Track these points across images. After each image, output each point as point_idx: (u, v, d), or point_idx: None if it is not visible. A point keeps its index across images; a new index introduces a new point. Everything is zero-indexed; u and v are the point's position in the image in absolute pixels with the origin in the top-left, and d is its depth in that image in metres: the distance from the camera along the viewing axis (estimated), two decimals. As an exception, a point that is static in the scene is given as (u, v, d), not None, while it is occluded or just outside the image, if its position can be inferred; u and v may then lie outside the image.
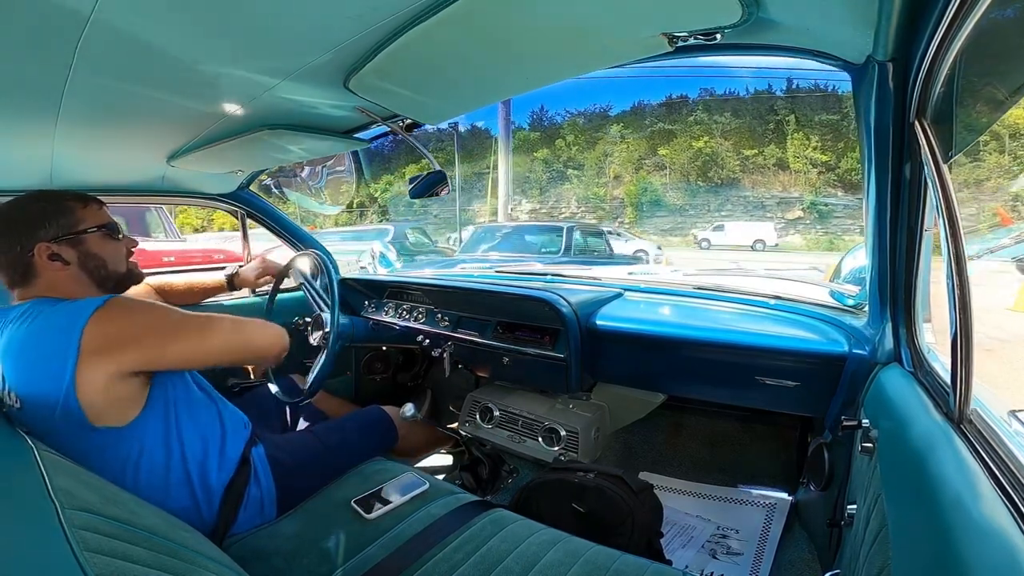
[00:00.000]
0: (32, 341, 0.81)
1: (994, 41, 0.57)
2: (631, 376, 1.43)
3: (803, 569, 1.22)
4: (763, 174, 18.70)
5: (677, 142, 20.02)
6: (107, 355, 0.81)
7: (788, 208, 17.80)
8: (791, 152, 18.09)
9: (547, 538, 0.93)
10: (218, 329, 0.96)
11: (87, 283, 0.95)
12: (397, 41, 0.67)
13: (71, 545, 0.47)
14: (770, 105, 18.87)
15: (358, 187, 15.95)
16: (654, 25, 0.65)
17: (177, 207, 14.30)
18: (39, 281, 0.91)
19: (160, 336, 0.87)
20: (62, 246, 0.92)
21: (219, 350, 0.96)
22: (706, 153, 19.29)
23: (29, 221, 0.91)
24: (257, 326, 1.05)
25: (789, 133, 18.21)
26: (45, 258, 0.90)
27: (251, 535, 0.97)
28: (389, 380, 2.13)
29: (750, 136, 19.00)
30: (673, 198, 20.04)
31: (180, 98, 0.92)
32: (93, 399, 0.81)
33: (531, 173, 22.91)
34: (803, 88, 17.20)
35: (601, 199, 21.24)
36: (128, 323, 0.85)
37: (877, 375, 0.91)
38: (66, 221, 0.93)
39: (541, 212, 22.15)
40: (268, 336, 1.06)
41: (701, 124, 19.77)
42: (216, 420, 1.01)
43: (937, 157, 0.65)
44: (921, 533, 0.51)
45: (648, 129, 20.81)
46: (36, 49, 0.64)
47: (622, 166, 20.99)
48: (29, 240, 0.89)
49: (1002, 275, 2.11)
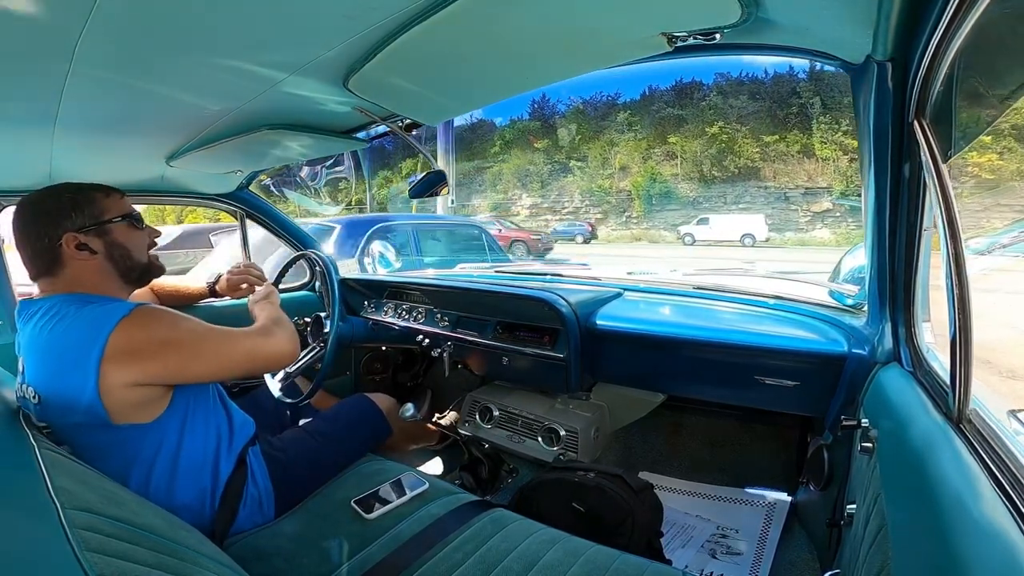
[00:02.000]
0: (58, 344, 0.82)
1: (993, 41, 0.57)
2: (631, 376, 1.43)
3: (803, 569, 1.22)
4: (786, 162, 17.16)
5: (688, 128, 18.54)
6: (130, 364, 0.82)
7: (815, 199, 16.43)
8: (817, 137, 16.47)
9: (547, 537, 0.93)
10: (239, 345, 0.95)
11: (112, 274, 0.95)
12: (397, 41, 0.67)
13: (72, 545, 0.47)
14: (792, 87, 17.35)
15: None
16: (653, 25, 0.65)
17: (185, 208, 14.22)
18: (65, 272, 0.91)
19: (183, 354, 0.87)
20: (89, 236, 0.91)
21: (239, 366, 0.96)
22: (721, 140, 17.74)
23: (56, 211, 0.90)
24: (274, 338, 1.01)
25: (815, 116, 16.60)
26: (73, 248, 0.89)
27: (251, 535, 0.97)
28: (389, 380, 2.13)
29: (770, 121, 17.44)
30: (685, 189, 18.57)
31: (178, 98, 0.91)
32: (116, 403, 0.82)
33: (532, 165, 21.83)
34: (829, 69, 16.53)
35: (606, 191, 20.20)
36: (153, 336, 0.85)
37: (877, 375, 0.91)
38: (92, 211, 0.92)
39: (543, 207, 21.18)
40: (284, 344, 1.03)
41: (715, 109, 18.13)
42: (225, 419, 1.03)
43: (936, 157, 0.65)
44: (921, 533, 0.51)
45: (657, 115, 19.36)
46: (35, 48, 0.64)
47: (629, 156, 19.74)
48: (57, 230, 0.89)
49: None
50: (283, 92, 0.88)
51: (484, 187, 22.68)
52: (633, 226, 19.61)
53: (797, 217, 16.59)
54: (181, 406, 0.93)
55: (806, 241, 15.44)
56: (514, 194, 21.97)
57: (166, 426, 0.90)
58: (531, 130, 22.23)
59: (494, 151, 22.84)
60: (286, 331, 1.05)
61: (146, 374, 0.84)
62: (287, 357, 1.02)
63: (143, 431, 0.88)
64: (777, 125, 17.42)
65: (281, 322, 1.06)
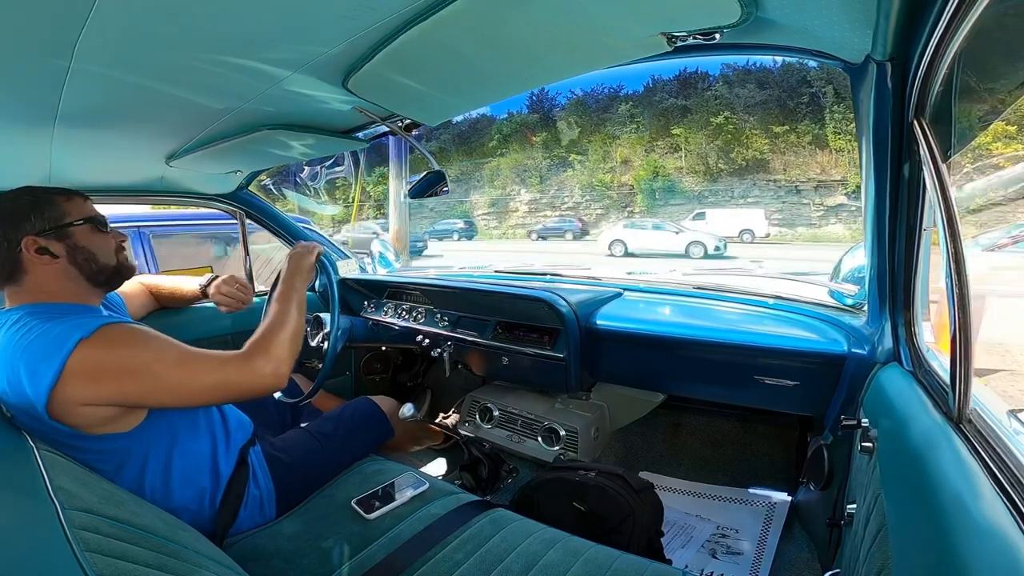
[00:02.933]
0: (17, 359, 0.79)
1: (992, 41, 0.57)
2: (631, 376, 1.43)
3: (803, 569, 1.22)
4: (797, 154, 16.03)
5: (693, 119, 17.49)
6: (85, 387, 0.77)
7: (828, 193, 15.41)
8: (831, 127, 15.34)
9: (547, 537, 0.93)
10: (206, 377, 0.86)
11: (77, 278, 0.92)
12: (397, 41, 0.67)
13: (71, 545, 0.47)
14: (802, 76, 16.28)
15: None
16: (653, 25, 0.65)
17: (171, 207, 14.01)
18: (28, 279, 0.88)
19: (141, 383, 0.82)
20: (49, 239, 0.89)
21: (205, 398, 0.89)
22: (727, 131, 16.75)
23: (14, 215, 0.88)
24: (256, 365, 0.90)
25: (827, 106, 15.51)
26: (33, 252, 0.87)
27: (251, 535, 0.97)
28: (389, 380, 2.13)
29: (779, 111, 16.33)
30: (690, 183, 17.46)
31: (178, 98, 0.91)
32: (78, 419, 0.79)
33: (530, 160, 20.98)
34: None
35: (607, 186, 19.29)
36: (112, 360, 0.80)
37: (877, 374, 0.91)
38: (51, 214, 0.90)
39: (542, 203, 20.41)
40: (264, 375, 0.91)
41: (720, 99, 17.10)
42: (219, 421, 1.02)
43: (936, 156, 0.65)
44: (921, 533, 0.51)
45: (659, 106, 18.31)
46: (34, 47, 0.64)
47: (631, 149, 18.81)
48: (16, 233, 0.87)
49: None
50: (282, 92, 0.88)
51: (482, 183, 22.29)
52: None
53: (809, 212, 15.79)
54: (166, 413, 0.90)
55: (819, 237, 14.59)
56: (512, 190, 21.39)
57: (150, 432, 0.88)
58: (530, 124, 21.48)
59: (492, 145, 22.19)
60: (275, 358, 0.92)
61: (100, 398, 0.79)
62: (265, 390, 0.91)
63: (124, 439, 0.85)
64: (787, 115, 16.40)
65: (276, 343, 0.94)
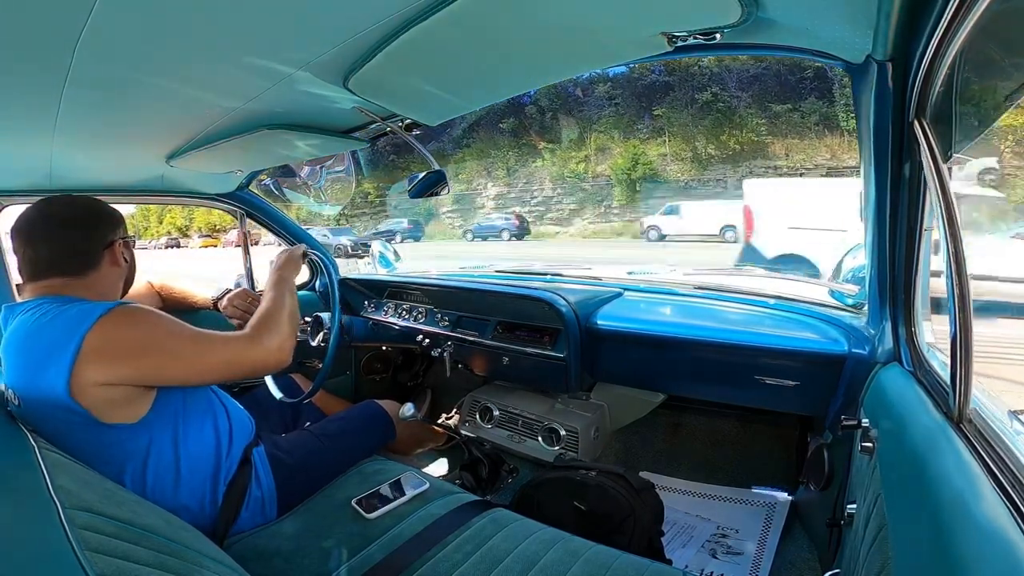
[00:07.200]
0: (35, 342, 0.81)
1: (993, 41, 0.57)
2: (631, 376, 1.43)
3: (803, 569, 1.22)
4: (801, 135, 13.99)
5: (676, 96, 15.07)
6: (103, 364, 0.80)
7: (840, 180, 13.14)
8: (841, 104, 13.20)
9: (547, 537, 0.93)
10: (219, 354, 0.91)
11: (119, 284, 1.01)
12: (397, 41, 0.67)
13: (72, 544, 0.47)
14: None
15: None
16: (653, 25, 0.65)
17: (165, 208, 13.39)
18: (94, 275, 0.93)
19: (158, 357, 0.85)
20: (128, 248, 1.01)
21: (217, 373, 0.93)
22: (717, 109, 14.45)
23: (108, 218, 0.98)
24: (262, 343, 0.96)
25: (835, 80, 13.18)
26: (118, 254, 0.97)
27: (252, 535, 0.97)
28: (389, 380, 2.13)
29: (779, 88, 14.12)
30: (675, 172, 15.26)
31: (179, 97, 0.91)
32: (93, 402, 0.80)
33: (496, 150, 18.61)
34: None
35: (580, 177, 17.03)
36: (130, 336, 0.83)
37: (877, 374, 0.91)
38: (125, 227, 1.01)
39: (509, 197, 18.21)
40: (270, 351, 0.97)
41: (707, 75, 14.61)
42: (224, 419, 1.02)
43: (936, 156, 0.65)
44: (921, 533, 0.51)
45: (637, 83, 15.84)
46: (35, 46, 0.64)
47: (606, 133, 16.40)
48: (112, 233, 0.97)
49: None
50: (283, 91, 0.88)
51: (450, 176, 21.32)
52: (615, 218, 16.61)
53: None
54: (170, 405, 0.91)
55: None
56: (478, 183, 19.12)
57: (155, 425, 0.89)
58: (499, 111, 18.74)
59: (457, 135, 19.35)
60: (279, 334, 0.98)
61: (118, 375, 0.81)
62: (274, 365, 0.97)
63: (130, 431, 0.86)
64: (788, 93, 14.22)
65: (277, 322, 0.99)
